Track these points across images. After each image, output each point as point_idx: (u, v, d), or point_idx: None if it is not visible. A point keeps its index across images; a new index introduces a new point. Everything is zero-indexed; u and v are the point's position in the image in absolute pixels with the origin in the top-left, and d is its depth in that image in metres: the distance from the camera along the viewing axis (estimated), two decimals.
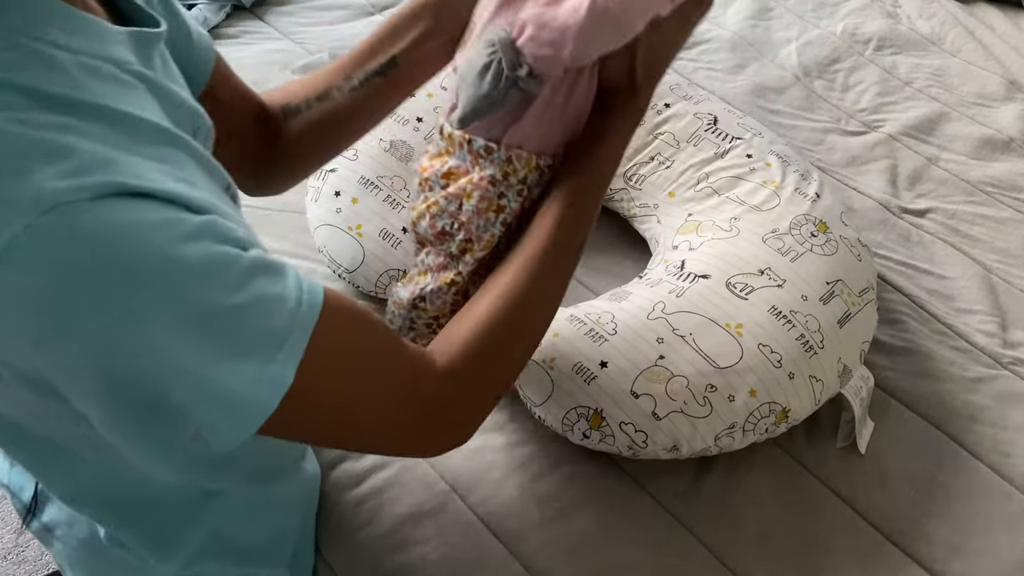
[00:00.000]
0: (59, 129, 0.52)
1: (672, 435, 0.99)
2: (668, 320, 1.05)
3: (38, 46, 0.54)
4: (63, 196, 0.50)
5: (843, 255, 1.13)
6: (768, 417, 1.01)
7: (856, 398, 1.07)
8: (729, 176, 1.25)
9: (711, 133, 1.31)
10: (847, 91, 1.67)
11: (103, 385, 0.54)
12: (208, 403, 0.55)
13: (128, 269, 0.52)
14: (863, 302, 1.10)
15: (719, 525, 1.01)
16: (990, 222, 1.43)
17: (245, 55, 1.56)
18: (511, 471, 1.04)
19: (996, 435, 1.13)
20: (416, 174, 0.90)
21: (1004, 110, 1.65)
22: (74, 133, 0.53)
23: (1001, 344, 1.24)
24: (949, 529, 1.03)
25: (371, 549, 0.98)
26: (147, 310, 0.52)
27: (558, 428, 1.03)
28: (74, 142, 0.53)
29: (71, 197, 0.50)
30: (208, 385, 0.54)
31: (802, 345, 1.03)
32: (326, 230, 1.20)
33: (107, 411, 0.56)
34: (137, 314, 0.52)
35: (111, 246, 0.51)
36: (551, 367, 1.05)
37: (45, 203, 0.50)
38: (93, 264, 0.51)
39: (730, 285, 1.08)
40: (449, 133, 0.84)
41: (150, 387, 0.54)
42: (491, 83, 0.75)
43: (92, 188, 0.51)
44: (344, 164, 1.23)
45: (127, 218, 0.52)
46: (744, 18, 1.82)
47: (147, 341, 0.53)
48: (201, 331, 0.53)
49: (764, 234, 1.14)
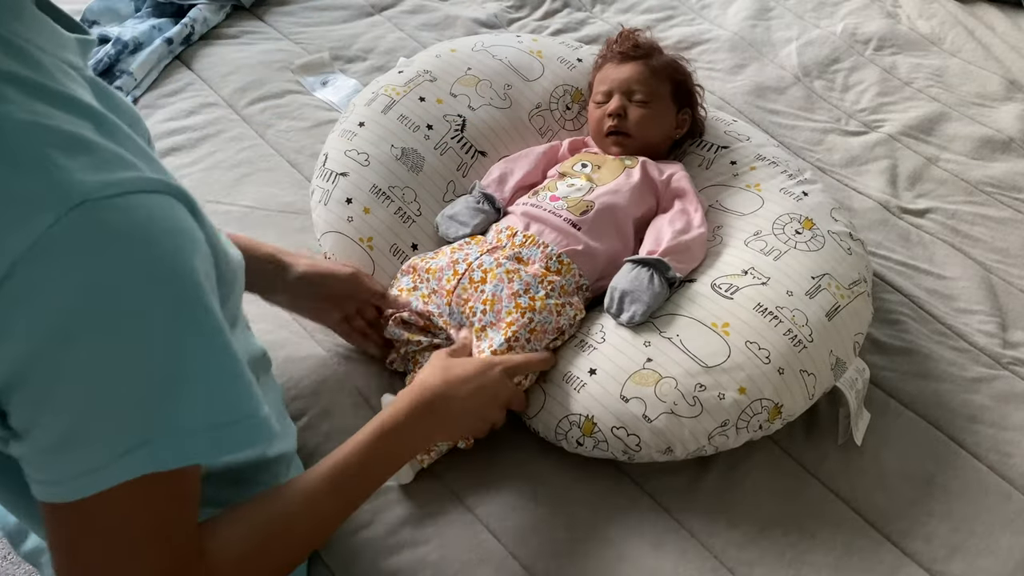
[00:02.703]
0: (69, 122, 0.52)
1: (664, 437, 1.00)
2: (654, 323, 1.06)
3: (19, 42, 0.54)
4: (93, 191, 0.50)
5: (831, 250, 1.13)
6: (760, 414, 1.01)
7: (851, 390, 1.08)
8: (712, 185, 1.26)
9: (696, 146, 1.32)
10: (847, 91, 1.67)
11: (89, 397, 0.54)
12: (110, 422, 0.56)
13: (153, 275, 0.52)
14: (853, 295, 1.10)
15: (718, 525, 1.01)
16: (990, 222, 1.43)
17: (245, 55, 1.56)
18: (510, 472, 1.04)
19: (996, 435, 1.13)
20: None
21: (1004, 110, 1.64)
22: (82, 127, 0.53)
23: (1001, 344, 1.24)
24: (949, 529, 1.03)
25: (371, 550, 0.98)
26: (163, 319, 0.53)
27: (552, 438, 1.04)
28: (89, 136, 0.52)
29: (100, 193, 0.50)
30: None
31: (790, 340, 1.03)
32: (335, 237, 1.20)
33: (76, 426, 0.55)
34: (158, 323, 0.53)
35: (139, 245, 0.51)
36: (543, 379, 1.06)
37: (74, 197, 0.49)
38: (121, 264, 0.51)
39: (715, 286, 1.09)
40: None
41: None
42: (662, 287, 1.08)
43: (118, 184, 0.51)
44: (355, 169, 1.22)
45: (153, 215, 0.52)
46: (744, 18, 1.82)
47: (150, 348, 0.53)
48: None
49: (746, 238, 1.15)
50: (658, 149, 1.28)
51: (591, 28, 1.75)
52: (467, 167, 1.27)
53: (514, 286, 1.05)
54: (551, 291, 1.06)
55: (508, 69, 1.36)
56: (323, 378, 1.11)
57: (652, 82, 1.25)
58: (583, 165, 1.22)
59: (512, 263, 1.08)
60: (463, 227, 1.17)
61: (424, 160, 1.24)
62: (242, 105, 1.47)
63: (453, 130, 1.28)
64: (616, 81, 1.26)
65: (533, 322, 1.03)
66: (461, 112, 1.29)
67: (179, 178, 1.45)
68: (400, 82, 1.31)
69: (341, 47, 1.62)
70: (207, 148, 1.40)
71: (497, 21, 1.74)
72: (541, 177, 1.26)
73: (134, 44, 1.51)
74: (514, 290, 1.05)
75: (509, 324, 1.03)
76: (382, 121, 1.26)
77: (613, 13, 1.81)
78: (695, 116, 1.31)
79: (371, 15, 1.72)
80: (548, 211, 1.14)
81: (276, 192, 1.34)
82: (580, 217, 1.13)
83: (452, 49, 1.38)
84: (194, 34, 1.58)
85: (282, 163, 1.39)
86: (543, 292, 1.05)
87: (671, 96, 1.27)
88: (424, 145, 1.25)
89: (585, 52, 1.43)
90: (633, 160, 1.22)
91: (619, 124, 1.23)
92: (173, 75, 1.53)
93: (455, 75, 1.33)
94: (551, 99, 1.36)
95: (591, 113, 1.29)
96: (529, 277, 1.06)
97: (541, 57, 1.39)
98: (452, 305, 1.08)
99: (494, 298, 1.05)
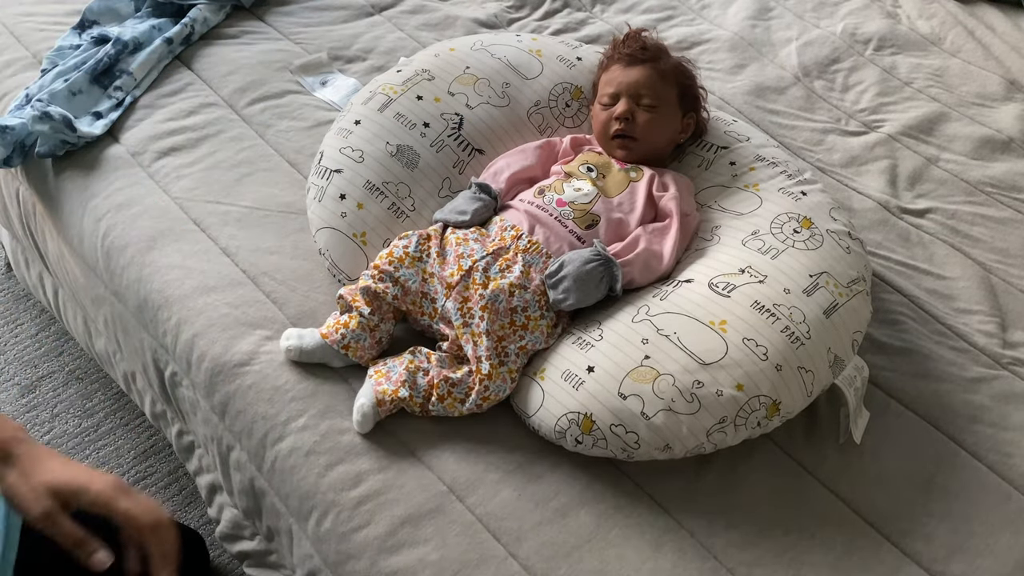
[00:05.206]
0: None
1: (663, 434, 1.00)
2: (652, 321, 1.06)
3: None
4: None
5: (829, 248, 1.13)
6: (759, 411, 1.01)
7: (850, 388, 1.08)
8: (711, 186, 1.26)
9: (696, 147, 1.32)
10: (847, 91, 1.67)
11: None
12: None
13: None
14: (852, 293, 1.10)
15: (717, 525, 1.01)
16: (990, 222, 1.43)
17: (245, 55, 1.56)
18: (509, 472, 1.04)
19: (996, 435, 1.13)
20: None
21: (1004, 110, 1.64)
22: None
23: (1000, 344, 1.24)
24: (948, 529, 1.03)
25: (370, 550, 0.98)
26: None
27: (551, 437, 1.04)
28: None
29: None
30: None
31: (787, 337, 1.03)
32: (329, 233, 1.20)
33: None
34: None
35: None
36: (542, 377, 1.06)
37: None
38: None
39: (712, 285, 1.09)
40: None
41: None
42: (602, 291, 1.11)
43: None
44: (350, 166, 1.22)
45: None
46: (744, 18, 1.82)
47: None
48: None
49: (743, 237, 1.15)
50: (662, 153, 1.28)
51: (591, 28, 1.75)
52: (464, 164, 1.27)
53: (514, 301, 1.07)
54: (546, 311, 1.09)
55: (507, 67, 1.36)
56: (321, 379, 1.11)
57: (660, 86, 1.25)
58: (588, 168, 1.22)
59: (518, 275, 1.09)
60: (463, 215, 1.17)
61: (419, 157, 1.25)
62: (242, 105, 1.47)
63: (450, 128, 1.28)
64: (624, 84, 1.25)
65: (524, 339, 1.08)
66: (459, 111, 1.29)
67: (179, 178, 1.45)
68: (398, 81, 1.31)
69: (341, 47, 1.62)
70: (207, 148, 1.40)
71: (497, 21, 1.74)
72: (541, 171, 1.26)
73: (134, 44, 1.51)
74: (513, 305, 1.07)
75: (500, 338, 1.07)
76: (378, 119, 1.26)
77: (613, 13, 1.81)
78: (699, 119, 1.31)
79: (371, 15, 1.72)
80: (555, 217, 1.15)
81: (276, 192, 1.34)
82: (586, 231, 1.15)
83: (451, 48, 1.38)
84: (194, 34, 1.58)
85: (282, 163, 1.39)
86: (539, 312, 1.09)
87: (677, 101, 1.27)
88: (420, 143, 1.25)
89: (585, 51, 1.43)
90: (638, 172, 1.22)
91: (626, 128, 1.23)
92: (173, 75, 1.53)
93: (453, 74, 1.33)
94: (550, 97, 1.36)
95: (596, 114, 1.29)
96: (529, 295, 1.08)
97: (540, 56, 1.39)
98: (452, 300, 1.08)
99: (493, 307, 1.06)
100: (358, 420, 1.05)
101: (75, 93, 1.44)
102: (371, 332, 1.10)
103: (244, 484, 1.14)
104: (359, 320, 1.09)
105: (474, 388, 1.05)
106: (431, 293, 1.11)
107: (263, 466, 1.08)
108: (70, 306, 1.54)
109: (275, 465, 1.07)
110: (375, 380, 1.06)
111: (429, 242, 1.14)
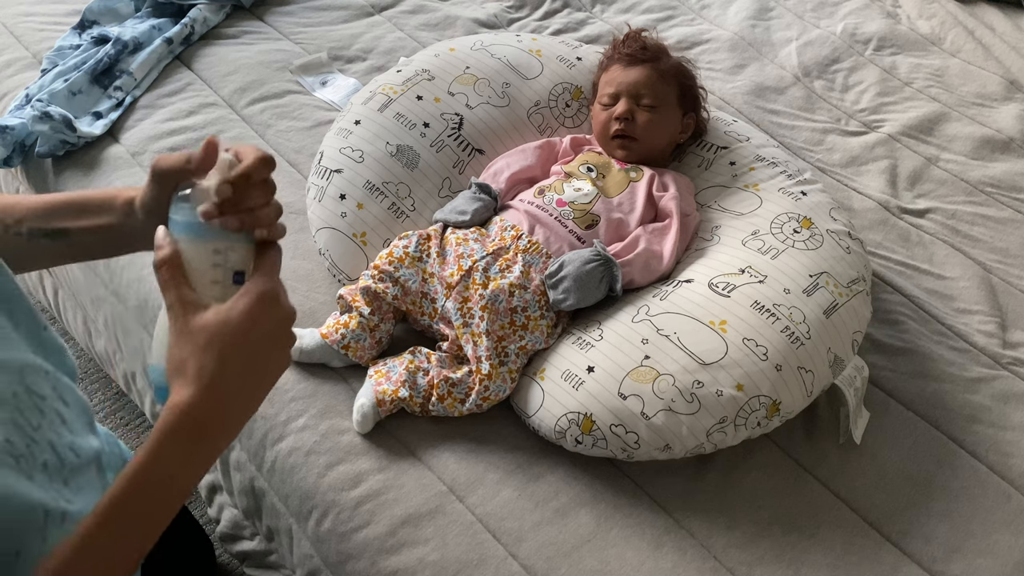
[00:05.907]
0: None
1: (663, 434, 1.00)
2: (652, 321, 1.06)
3: None
4: None
5: (829, 248, 1.13)
6: (759, 411, 1.01)
7: (850, 388, 1.08)
8: (711, 186, 1.26)
9: (696, 147, 1.32)
10: (847, 91, 1.67)
11: None
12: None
13: None
14: (852, 293, 1.10)
15: (717, 525, 1.01)
16: (990, 222, 1.43)
17: (245, 55, 1.56)
18: (509, 472, 1.04)
19: (996, 435, 1.13)
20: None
21: (1004, 110, 1.64)
22: None
23: (1000, 344, 1.24)
24: (948, 529, 1.03)
25: (370, 550, 0.98)
26: None
27: (551, 437, 1.04)
28: None
29: None
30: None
31: (787, 337, 1.03)
32: (329, 233, 1.20)
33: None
34: None
35: None
36: (542, 377, 1.06)
37: None
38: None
39: (712, 285, 1.09)
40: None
41: None
42: (602, 291, 1.11)
43: None
44: (350, 166, 1.22)
45: None
46: (744, 18, 1.82)
47: None
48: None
49: (743, 238, 1.15)
50: (662, 154, 1.28)
51: (591, 28, 1.75)
52: (464, 164, 1.27)
53: (513, 301, 1.07)
54: (546, 311, 1.09)
55: (507, 67, 1.36)
56: (321, 379, 1.11)
57: (660, 87, 1.25)
58: (588, 169, 1.22)
59: (518, 275, 1.09)
60: (463, 215, 1.17)
61: (419, 157, 1.25)
62: (242, 105, 1.47)
63: (450, 128, 1.28)
64: (624, 84, 1.25)
65: (524, 339, 1.08)
66: (459, 111, 1.29)
67: None
68: (398, 81, 1.31)
69: (341, 47, 1.62)
70: None
71: (497, 21, 1.74)
72: (541, 171, 1.26)
73: (134, 44, 1.51)
74: (513, 306, 1.07)
75: (500, 338, 1.07)
76: (378, 119, 1.26)
77: (613, 13, 1.81)
78: (699, 119, 1.31)
79: (371, 15, 1.72)
80: (555, 217, 1.15)
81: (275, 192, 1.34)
82: (586, 231, 1.15)
83: (451, 48, 1.38)
84: (194, 34, 1.58)
85: (282, 163, 1.39)
86: (539, 312, 1.08)
87: (678, 101, 1.27)
88: (420, 143, 1.26)
89: (585, 51, 1.43)
90: (638, 172, 1.22)
91: (626, 128, 1.23)
92: (173, 75, 1.53)
93: (453, 74, 1.33)
94: (550, 97, 1.36)
95: (596, 114, 1.29)
96: (529, 295, 1.08)
97: (540, 56, 1.39)
98: (452, 300, 1.08)
99: (493, 307, 1.06)
100: (358, 420, 1.05)
101: (75, 93, 1.44)
102: (371, 332, 1.10)
103: (244, 484, 1.14)
104: (359, 320, 1.09)
105: (474, 388, 1.05)
106: (431, 293, 1.11)
107: (263, 466, 1.08)
108: (70, 306, 1.54)
109: (275, 465, 1.07)
110: (375, 380, 1.06)
111: (429, 242, 1.14)
